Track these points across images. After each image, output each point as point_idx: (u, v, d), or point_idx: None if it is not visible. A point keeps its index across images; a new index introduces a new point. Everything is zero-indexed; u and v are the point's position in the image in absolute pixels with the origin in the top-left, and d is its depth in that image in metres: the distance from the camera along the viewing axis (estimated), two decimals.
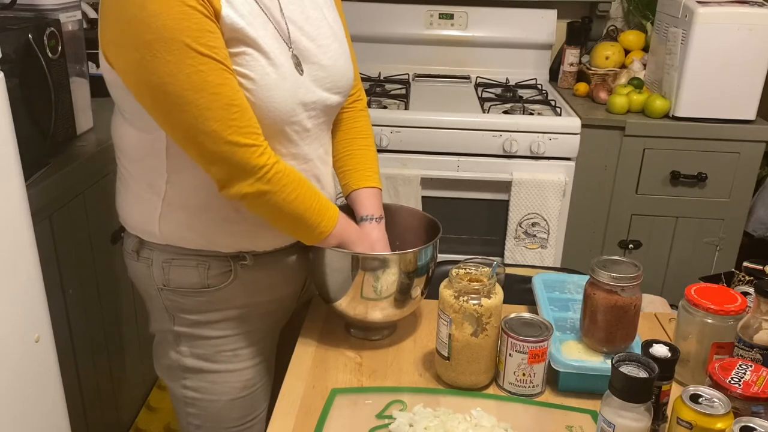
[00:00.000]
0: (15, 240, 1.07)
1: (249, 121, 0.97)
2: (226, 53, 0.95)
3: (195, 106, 0.93)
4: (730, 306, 1.02)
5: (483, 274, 1.05)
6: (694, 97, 2.17)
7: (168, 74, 0.91)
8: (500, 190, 2.22)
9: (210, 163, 0.98)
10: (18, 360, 1.09)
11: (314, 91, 1.09)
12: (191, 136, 0.96)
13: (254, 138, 0.98)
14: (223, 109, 0.94)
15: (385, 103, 2.32)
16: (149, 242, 1.12)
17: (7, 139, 1.04)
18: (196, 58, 0.92)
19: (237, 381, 1.19)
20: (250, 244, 1.12)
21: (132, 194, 1.12)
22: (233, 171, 0.98)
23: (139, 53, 0.91)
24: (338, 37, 1.15)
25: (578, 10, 2.68)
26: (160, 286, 1.13)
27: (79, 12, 1.70)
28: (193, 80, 0.92)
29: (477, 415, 0.98)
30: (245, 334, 1.18)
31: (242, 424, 1.23)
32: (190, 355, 1.17)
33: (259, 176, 0.99)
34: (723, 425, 0.81)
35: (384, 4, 2.63)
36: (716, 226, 2.30)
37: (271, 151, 1.01)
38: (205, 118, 0.94)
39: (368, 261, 1.10)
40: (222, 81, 0.94)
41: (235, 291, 1.14)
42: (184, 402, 1.22)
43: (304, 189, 1.05)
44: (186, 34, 0.91)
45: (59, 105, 1.55)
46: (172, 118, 0.95)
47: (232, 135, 0.95)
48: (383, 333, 1.20)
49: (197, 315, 1.14)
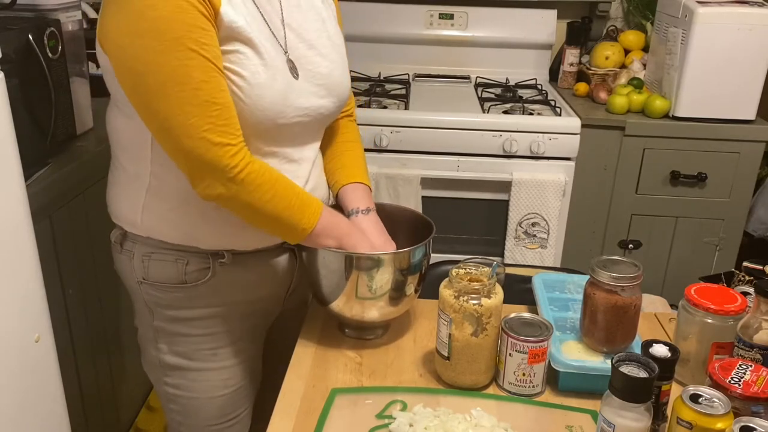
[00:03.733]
0: (15, 240, 1.07)
1: (228, 120, 0.98)
2: (217, 52, 0.96)
3: (175, 98, 0.94)
4: (730, 306, 1.02)
5: (483, 274, 1.05)
6: (694, 97, 2.17)
7: (154, 63, 0.93)
8: (500, 190, 2.22)
9: (183, 158, 0.99)
10: (18, 360, 1.09)
11: (308, 97, 1.10)
12: (167, 128, 0.96)
13: (230, 138, 0.98)
14: (202, 105, 0.95)
15: (385, 103, 2.32)
16: (132, 234, 1.13)
17: (7, 139, 1.04)
18: (185, 52, 0.93)
19: (217, 380, 1.19)
20: (230, 243, 1.12)
21: (120, 184, 1.13)
22: (204, 168, 0.98)
23: (129, 39, 0.93)
24: (337, 49, 1.17)
25: (578, 10, 2.68)
26: (139, 279, 1.14)
27: (79, 12, 1.69)
28: (178, 73, 0.93)
29: (477, 415, 0.98)
30: (224, 334, 1.18)
31: (223, 422, 1.23)
32: (168, 352, 1.18)
33: (231, 176, 0.99)
34: (723, 425, 0.81)
35: (384, 4, 2.63)
36: (716, 226, 2.30)
37: (247, 152, 1.01)
38: (183, 111, 0.95)
39: (362, 261, 1.10)
40: (206, 78, 0.95)
41: (213, 289, 1.13)
42: (166, 398, 1.23)
43: (280, 188, 1.04)
44: (178, 27, 0.92)
45: (59, 105, 1.55)
46: (152, 107, 0.96)
47: (207, 132, 0.96)
48: (377, 332, 1.20)
49: (175, 311, 1.14)
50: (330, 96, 1.14)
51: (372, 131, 2.17)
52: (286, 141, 1.10)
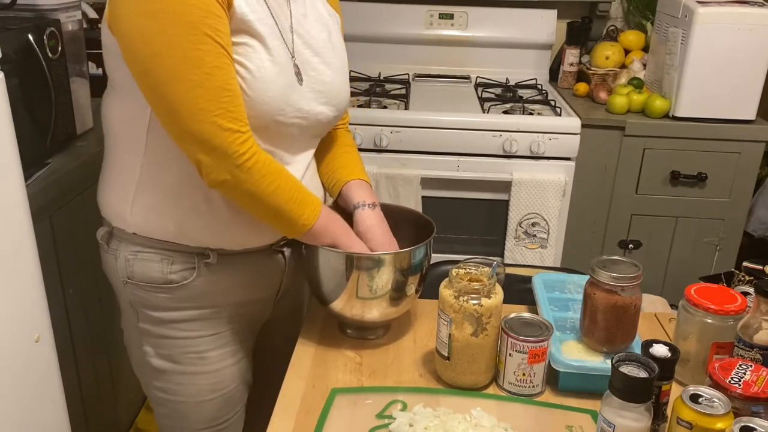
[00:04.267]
0: (15, 240, 1.07)
1: (238, 107, 0.98)
2: (229, 40, 0.97)
3: (187, 81, 0.94)
4: (730, 306, 1.03)
5: (483, 274, 1.05)
6: (694, 97, 2.17)
7: (167, 45, 0.92)
8: (500, 190, 2.22)
9: (191, 143, 0.97)
10: (18, 360, 1.09)
11: (309, 102, 1.10)
12: (176, 110, 0.95)
13: (239, 125, 0.98)
14: (214, 89, 0.94)
15: (385, 103, 2.32)
16: (118, 232, 1.12)
17: (7, 139, 1.05)
18: (199, 36, 0.92)
19: (205, 384, 1.18)
20: (217, 241, 1.11)
21: (112, 175, 1.12)
22: (213, 153, 0.97)
23: (142, 19, 0.93)
24: (340, 61, 1.18)
25: (578, 10, 2.68)
26: (124, 279, 1.13)
27: (79, 12, 1.69)
28: (190, 56, 0.93)
29: (477, 415, 0.98)
30: (212, 337, 1.16)
31: (214, 426, 1.21)
32: (155, 355, 1.16)
33: (238, 163, 0.98)
34: (723, 425, 0.81)
35: (384, 4, 2.63)
36: (716, 226, 2.30)
37: (254, 141, 1.01)
38: (194, 95, 0.94)
39: (363, 261, 1.10)
40: (219, 64, 0.95)
41: (199, 290, 1.12)
42: (156, 402, 1.21)
43: (284, 180, 1.04)
44: (193, 11, 0.92)
45: (59, 105, 1.55)
46: (162, 90, 0.95)
47: (218, 117, 0.95)
48: (378, 332, 1.20)
49: (160, 312, 1.13)
50: (330, 104, 1.14)
51: (372, 131, 2.17)
52: (281, 142, 1.10)
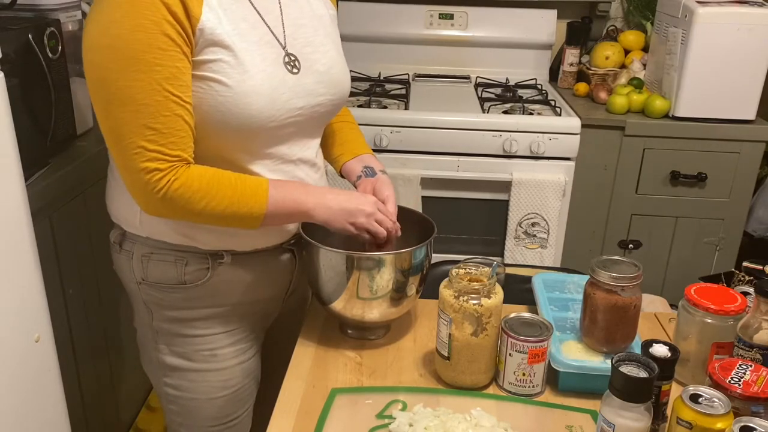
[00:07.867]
0: (15, 240, 1.07)
1: (164, 144, 0.97)
2: (173, 72, 0.96)
3: (115, 117, 0.97)
4: (730, 306, 1.03)
5: (483, 274, 1.05)
6: (694, 97, 2.17)
7: (103, 80, 0.96)
8: (500, 190, 2.22)
9: (122, 175, 1.02)
10: (18, 360, 1.09)
11: (304, 96, 1.09)
12: (109, 143, 1.01)
13: (158, 163, 0.98)
14: (138, 128, 0.97)
15: (385, 103, 2.32)
16: (131, 234, 1.13)
17: (7, 139, 1.05)
18: (133, 73, 0.94)
19: (217, 381, 1.19)
20: (229, 243, 1.12)
21: (118, 185, 1.12)
22: (133, 189, 1.01)
23: (91, 53, 0.96)
24: (336, 47, 1.17)
25: (578, 10, 2.68)
26: (138, 280, 1.14)
27: (79, 12, 1.69)
28: (122, 93, 0.95)
29: (477, 415, 0.98)
30: (224, 335, 1.18)
31: (224, 423, 1.23)
32: (168, 352, 1.18)
33: (159, 197, 0.99)
34: (723, 425, 0.81)
35: (384, 4, 2.63)
36: (716, 226, 2.30)
37: (177, 170, 0.99)
38: (122, 132, 0.97)
39: (363, 261, 1.10)
40: (149, 101, 0.95)
41: (213, 289, 1.13)
42: (166, 399, 1.23)
43: (215, 190, 1.02)
44: (135, 47, 0.93)
45: (59, 105, 1.55)
46: (100, 120, 0.99)
47: (137, 155, 0.97)
48: (379, 332, 1.20)
49: (174, 311, 1.14)
50: (328, 92, 1.13)
51: (372, 131, 2.17)
52: (280, 142, 1.10)
